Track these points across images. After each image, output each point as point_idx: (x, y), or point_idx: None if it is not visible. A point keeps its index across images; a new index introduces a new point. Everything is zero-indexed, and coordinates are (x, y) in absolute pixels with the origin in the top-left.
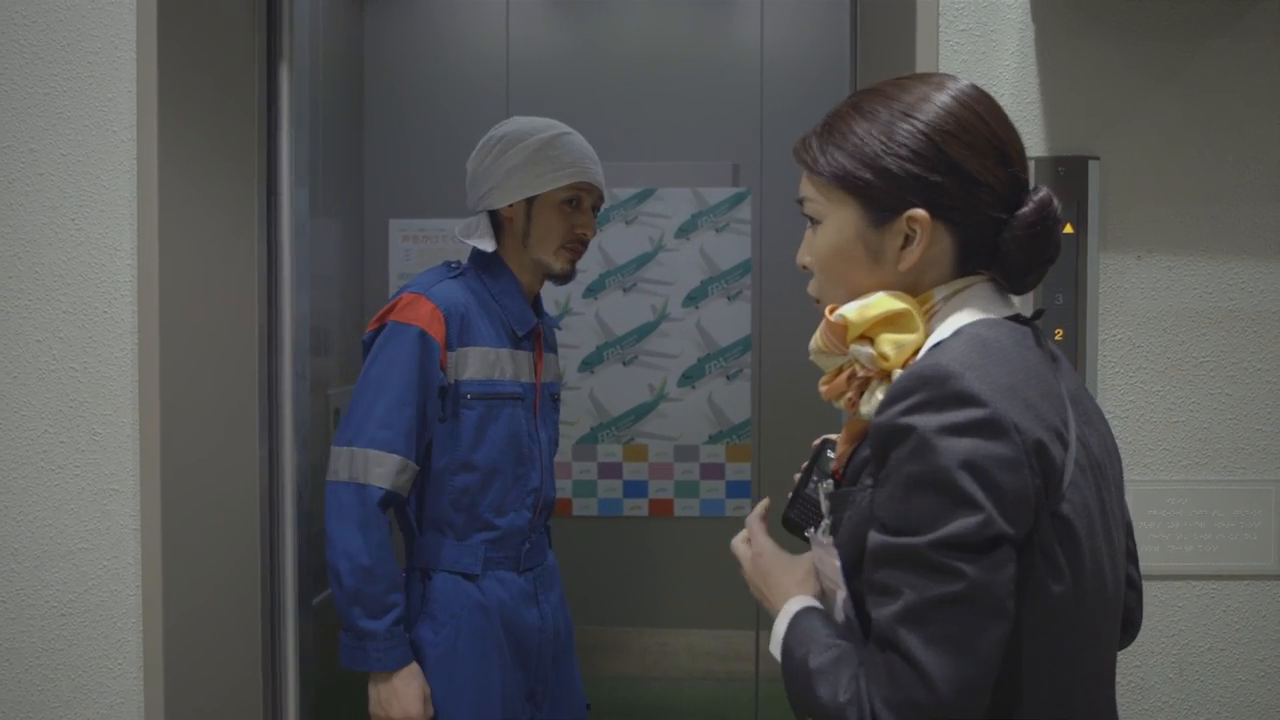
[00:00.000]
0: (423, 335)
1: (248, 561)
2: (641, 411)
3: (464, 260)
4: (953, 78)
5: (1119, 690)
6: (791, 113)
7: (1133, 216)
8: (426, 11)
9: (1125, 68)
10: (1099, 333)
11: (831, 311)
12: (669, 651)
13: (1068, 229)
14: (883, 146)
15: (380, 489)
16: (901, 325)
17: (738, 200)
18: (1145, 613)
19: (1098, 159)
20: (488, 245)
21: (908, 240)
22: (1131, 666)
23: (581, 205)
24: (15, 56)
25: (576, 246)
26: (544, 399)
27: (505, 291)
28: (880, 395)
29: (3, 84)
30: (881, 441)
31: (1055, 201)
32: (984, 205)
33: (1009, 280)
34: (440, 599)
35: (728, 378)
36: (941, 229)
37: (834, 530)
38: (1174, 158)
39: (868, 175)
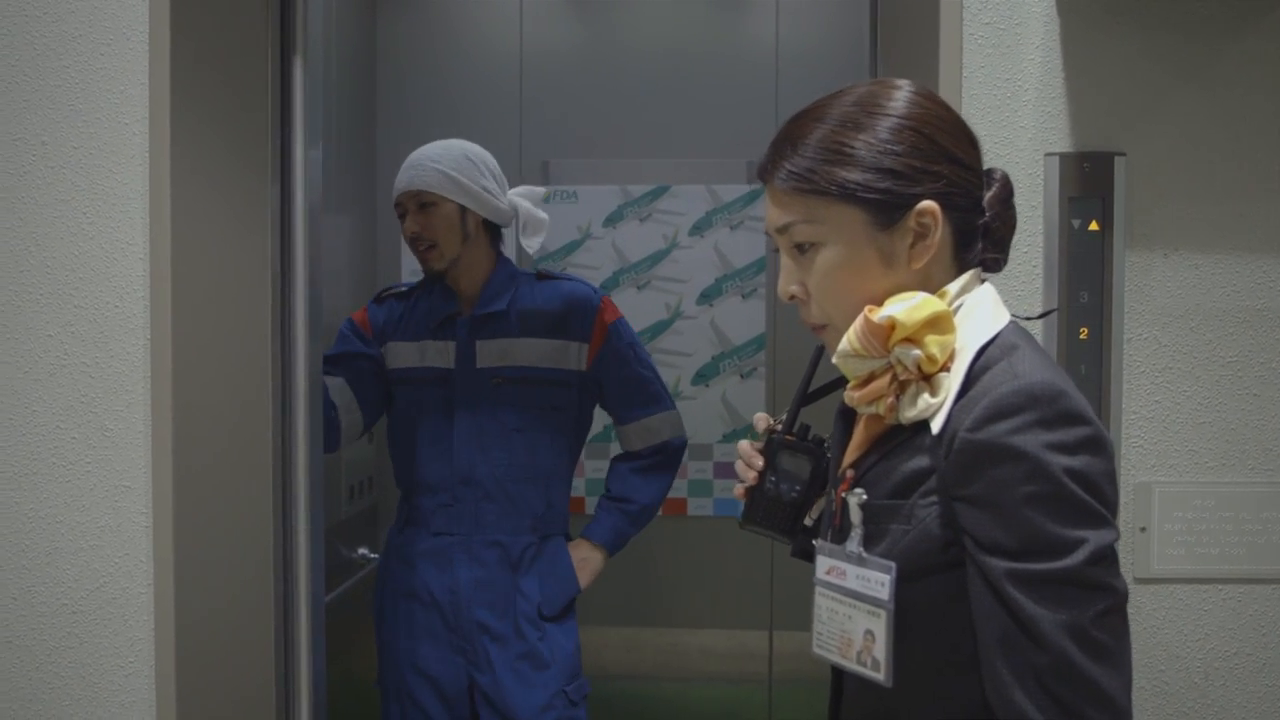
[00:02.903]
0: (349, 322)
1: (261, 559)
2: None
3: None
4: (910, 82)
5: (1144, 696)
6: None
7: (1159, 214)
8: (440, 8)
9: (1152, 63)
10: (1124, 332)
11: (872, 312)
12: (681, 651)
13: (1093, 226)
14: (874, 148)
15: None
16: (942, 327)
17: (753, 198)
18: (1170, 617)
19: (1124, 155)
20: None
21: (917, 237)
22: (1156, 671)
23: (405, 212)
24: (26, 49)
25: (415, 248)
26: (478, 382)
27: (432, 294)
28: (928, 398)
29: (14, 76)
30: (976, 458)
31: (1009, 178)
32: (973, 188)
33: (999, 255)
34: (387, 542)
35: (742, 376)
36: (943, 219)
37: (868, 541)
38: (1201, 154)
39: (872, 179)
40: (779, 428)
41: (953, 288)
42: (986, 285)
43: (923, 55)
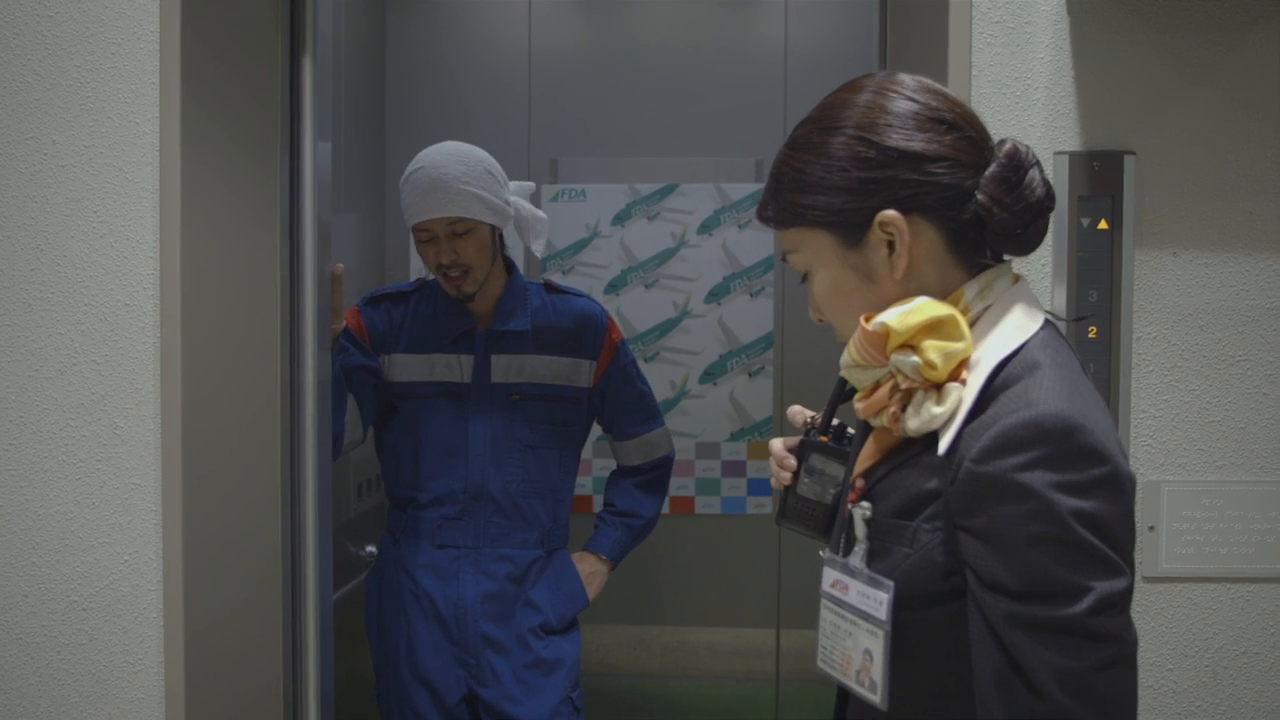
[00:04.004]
0: (345, 330)
1: (269, 557)
2: (663, 408)
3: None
4: (874, 73)
5: (1152, 695)
6: None
7: (1168, 212)
8: (449, 7)
9: (1162, 62)
10: (1133, 330)
11: (868, 320)
12: (689, 649)
13: (1102, 225)
14: (824, 168)
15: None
16: (946, 332)
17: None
18: (1179, 616)
19: (1133, 154)
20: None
21: (890, 247)
22: (1164, 670)
23: (434, 237)
24: (38, 47)
25: (445, 273)
26: (493, 396)
27: (437, 304)
28: (933, 407)
29: (26, 75)
30: (981, 491)
31: (1023, 149)
32: (945, 179)
33: (1011, 244)
34: (380, 554)
35: (750, 374)
36: (918, 221)
37: (871, 557)
38: (1211, 153)
39: (821, 201)
40: (815, 425)
41: (970, 289)
42: (1019, 286)
43: (932, 54)
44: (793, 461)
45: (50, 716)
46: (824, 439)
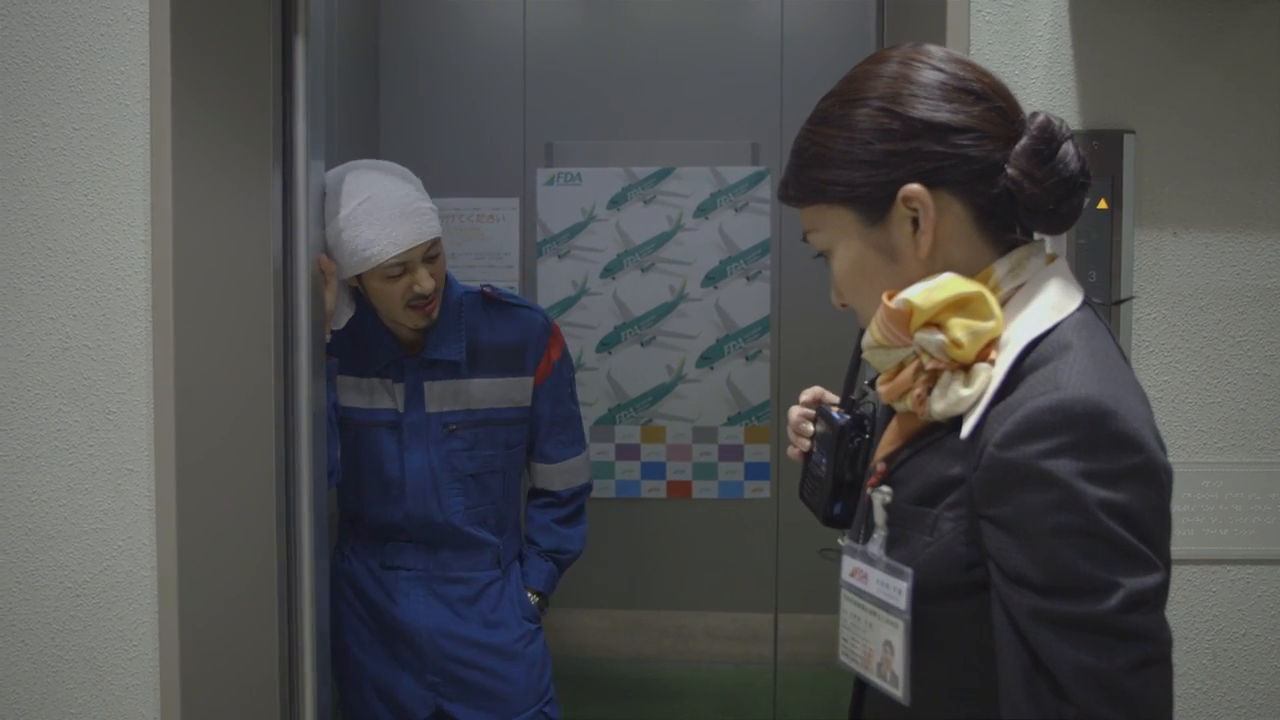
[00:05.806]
0: None
1: (264, 540)
2: (659, 393)
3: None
4: (898, 45)
5: None
6: (812, 90)
7: (1169, 192)
8: None
9: (1161, 40)
10: (1133, 311)
11: (891, 297)
12: (687, 634)
13: (1102, 204)
14: (846, 140)
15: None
16: (974, 310)
17: (757, 179)
18: (1179, 598)
19: (1133, 133)
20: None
21: (915, 224)
22: None
23: (410, 265)
24: (26, 29)
25: (419, 303)
26: (429, 426)
27: (363, 324)
28: (960, 389)
29: (14, 57)
30: (1004, 478)
31: (1057, 121)
32: (973, 152)
33: (1042, 221)
34: (335, 569)
35: (746, 358)
36: (944, 196)
37: (891, 545)
38: (1211, 132)
39: (842, 176)
40: (828, 396)
41: (1000, 267)
42: (1055, 265)
43: (930, 34)
44: (810, 428)
45: (46, 702)
46: (837, 408)
